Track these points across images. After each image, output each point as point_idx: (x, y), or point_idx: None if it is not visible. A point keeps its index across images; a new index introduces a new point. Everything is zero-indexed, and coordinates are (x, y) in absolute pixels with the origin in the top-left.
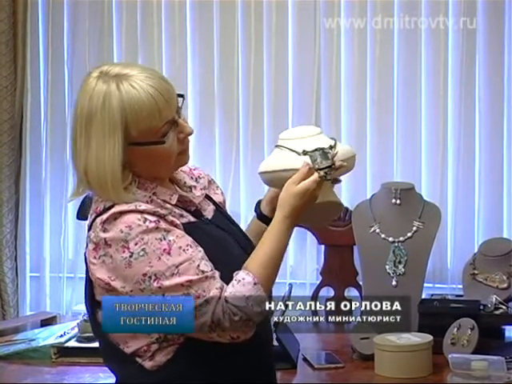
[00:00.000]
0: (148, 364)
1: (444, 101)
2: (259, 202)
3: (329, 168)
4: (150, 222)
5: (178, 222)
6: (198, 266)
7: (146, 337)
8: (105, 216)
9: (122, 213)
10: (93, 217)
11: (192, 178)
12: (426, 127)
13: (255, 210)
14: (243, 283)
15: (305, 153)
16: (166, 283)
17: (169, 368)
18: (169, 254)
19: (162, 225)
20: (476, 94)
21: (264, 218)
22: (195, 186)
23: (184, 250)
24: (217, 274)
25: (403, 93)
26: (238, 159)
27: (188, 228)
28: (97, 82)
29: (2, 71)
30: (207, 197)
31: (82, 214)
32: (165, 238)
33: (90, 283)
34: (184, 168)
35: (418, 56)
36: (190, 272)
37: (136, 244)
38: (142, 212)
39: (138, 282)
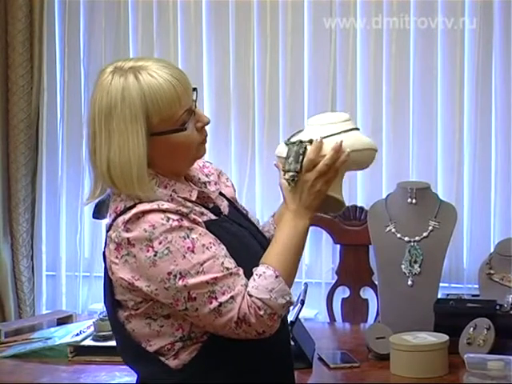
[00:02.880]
0: (172, 363)
1: (460, 100)
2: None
3: (296, 173)
4: (173, 220)
5: (200, 220)
6: (223, 263)
7: (170, 335)
8: (127, 216)
9: (144, 212)
10: (112, 217)
11: (204, 174)
12: (441, 127)
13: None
14: (264, 276)
15: (287, 143)
16: (192, 281)
17: (193, 366)
18: (193, 252)
19: (185, 223)
20: (492, 93)
21: None
22: (209, 182)
23: (207, 248)
24: (241, 270)
25: (419, 92)
26: (253, 157)
27: (209, 226)
28: (113, 76)
29: (18, 70)
30: (219, 193)
31: (98, 213)
32: (188, 237)
33: (109, 282)
34: (195, 165)
35: (434, 55)
36: (214, 269)
37: (160, 243)
38: (164, 211)
39: (162, 280)
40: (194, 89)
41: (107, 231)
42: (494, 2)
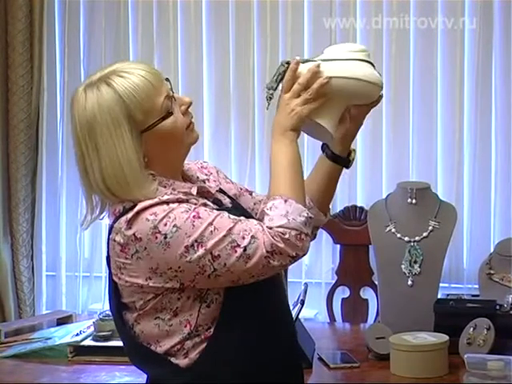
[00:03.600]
0: (182, 362)
1: (460, 100)
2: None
3: (271, 90)
4: (173, 203)
5: (201, 205)
6: (229, 216)
7: (179, 333)
8: (130, 215)
9: (145, 208)
10: (112, 219)
11: (203, 173)
12: (441, 127)
13: (323, 151)
14: (275, 206)
15: (282, 63)
16: (210, 242)
17: (201, 364)
18: (199, 217)
19: (184, 203)
20: (492, 93)
21: (337, 159)
22: (208, 179)
23: (211, 211)
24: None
25: (419, 92)
26: (253, 157)
27: None
28: (85, 92)
29: (18, 70)
30: (221, 190)
31: None
32: (190, 209)
33: (114, 286)
34: (193, 166)
35: (434, 55)
36: (224, 223)
37: (166, 225)
38: (165, 202)
39: (182, 256)
40: (167, 79)
41: (109, 234)
42: (493, 2)
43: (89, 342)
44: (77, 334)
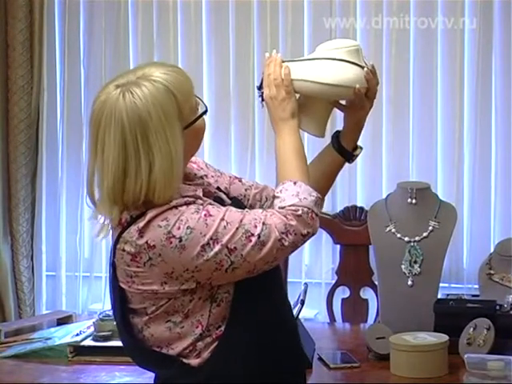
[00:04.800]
0: (194, 361)
1: (460, 100)
2: (337, 133)
3: (258, 90)
4: (182, 206)
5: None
6: (237, 210)
7: (191, 334)
8: (141, 224)
9: (156, 215)
10: (119, 229)
11: (197, 169)
12: (442, 127)
13: (332, 142)
14: (285, 188)
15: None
16: (225, 238)
17: (213, 363)
18: (210, 215)
19: (193, 205)
20: (492, 93)
21: (343, 151)
22: (206, 175)
23: (218, 207)
24: None
25: (419, 92)
26: (253, 157)
27: None
28: (128, 91)
29: (18, 70)
30: (217, 188)
31: None
32: (199, 209)
33: (119, 292)
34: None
35: (434, 55)
36: (235, 216)
37: (179, 228)
38: (174, 206)
39: (199, 255)
40: None
41: (115, 244)
42: (493, 2)
43: (89, 342)
44: (77, 334)
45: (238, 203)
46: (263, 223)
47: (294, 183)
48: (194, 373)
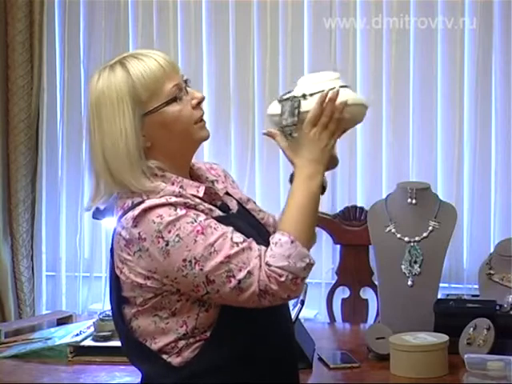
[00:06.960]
0: (176, 360)
1: (460, 100)
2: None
3: (294, 126)
4: (181, 209)
5: (208, 212)
6: (232, 238)
7: (174, 331)
8: (136, 212)
9: (152, 207)
10: (120, 213)
11: (212, 174)
12: (441, 127)
13: (290, 182)
14: (280, 244)
15: (280, 100)
16: (207, 264)
17: (195, 364)
18: (203, 233)
19: (192, 211)
20: (492, 93)
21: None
22: (217, 181)
23: (215, 228)
24: (253, 242)
25: (419, 92)
26: (253, 157)
27: (219, 221)
28: (100, 74)
29: (18, 71)
30: (227, 193)
31: (98, 213)
32: (195, 220)
33: (115, 279)
34: (202, 166)
35: (434, 55)
36: (225, 247)
37: (170, 232)
38: (172, 204)
39: (179, 269)
40: (186, 80)
41: (115, 228)
42: (493, 2)
43: (89, 342)
44: (77, 334)
45: (244, 212)
46: (249, 271)
47: (292, 242)
48: (174, 372)
